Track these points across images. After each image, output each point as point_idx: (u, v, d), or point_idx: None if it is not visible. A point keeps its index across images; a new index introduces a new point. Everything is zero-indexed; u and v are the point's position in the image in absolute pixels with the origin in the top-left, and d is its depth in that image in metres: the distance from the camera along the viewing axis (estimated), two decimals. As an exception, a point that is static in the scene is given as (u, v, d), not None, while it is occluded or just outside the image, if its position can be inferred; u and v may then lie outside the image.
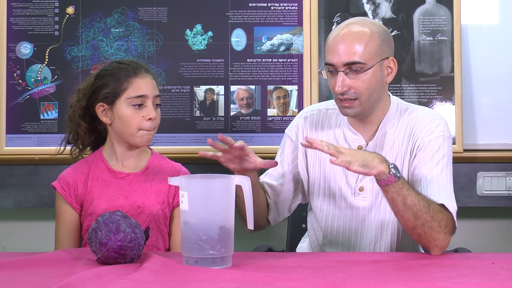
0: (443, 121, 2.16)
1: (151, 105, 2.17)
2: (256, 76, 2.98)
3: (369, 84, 2.08)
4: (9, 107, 2.97)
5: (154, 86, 2.20)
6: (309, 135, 2.23)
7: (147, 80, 2.18)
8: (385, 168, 1.92)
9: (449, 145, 2.13)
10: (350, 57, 2.06)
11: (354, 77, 2.07)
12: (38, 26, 3.00)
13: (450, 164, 2.12)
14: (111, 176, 2.20)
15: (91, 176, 2.21)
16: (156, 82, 2.22)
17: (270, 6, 3.00)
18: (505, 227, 3.08)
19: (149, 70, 2.22)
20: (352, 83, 2.07)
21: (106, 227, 1.83)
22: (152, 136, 2.19)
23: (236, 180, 1.86)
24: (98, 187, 2.19)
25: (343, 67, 2.07)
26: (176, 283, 1.64)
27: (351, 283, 1.64)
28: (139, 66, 2.21)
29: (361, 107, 2.10)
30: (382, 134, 2.17)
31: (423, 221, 1.96)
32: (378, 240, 2.18)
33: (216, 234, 1.79)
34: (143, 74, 2.18)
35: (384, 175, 1.92)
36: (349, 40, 2.07)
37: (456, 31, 2.94)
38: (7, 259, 1.86)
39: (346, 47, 2.06)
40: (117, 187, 2.19)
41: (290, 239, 2.65)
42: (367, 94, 2.08)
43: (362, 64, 2.06)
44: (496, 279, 1.69)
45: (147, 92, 2.16)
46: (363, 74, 2.07)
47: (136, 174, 2.21)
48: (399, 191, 1.94)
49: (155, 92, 2.18)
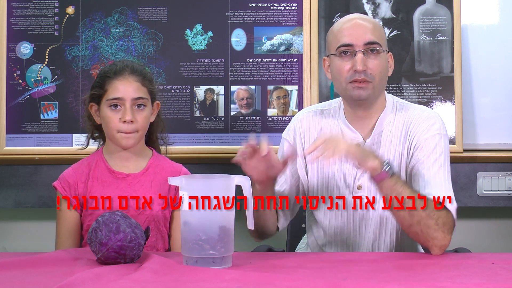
0: (439, 119, 2.17)
1: (128, 108, 2.15)
2: (256, 76, 2.98)
3: (382, 68, 2.13)
4: (9, 107, 2.97)
5: (135, 88, 2.17)
6: (307, 136, 2.25)
7: (126, 82, 2.17)
8: (378, 164, 1.95)
9: (445, 143, 2.14)
10: (370, 37, 2.11)
11: (372, 57, 2.11)
12: (38, 26, 3.00)
13: (447, 162, 2.12)
14: (111, 176, 2.21)
15: (92, 176, 2.21)
16: (144, 84, 2.19)
17: (270, 6, 3.00)
18: (505, 227, 3.08)
19: (136, 72, 2.19)
20: (369, 64, 2.11)
21: (106, 227, 1.83)
22: (133, 138, 2.17)
23: (236, 180, 1.86)
24: (98, 187, 2.19)
25: (363, 46, 2.11)
26: (176, 283, 1.64)
27: (351, 283, 1.64)
28: (125, 67, 2.19)
29: (373, 90, 2.13)
30: (379, 132, 2.17)
31: (418, 219, 1.96)
32: (377, 238, 2.18)
33: (216, 234, 1.79)
34: (124, 76, 2.17)
35: (376, 171, 1.95)
36: (367, 23, 2.14)
37: (456, 31, 2.94)
38: (7, 259, 1.86)
39: (366, 28, 2.12)
40: (117, 187, 2.20)
41: (290, 239, 2.65)
42: (379, 79, 2.13)
43: (379, 45, 2.11)
44: (496, 279, 1.69)
45: (124, 94, 2.16)
46: (380, 56, 2.12)
47: (136, 175, 2.21)
48: (393, 187, 1.96)
49: (133, 95, 2.16)
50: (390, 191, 1.96)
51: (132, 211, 2.15)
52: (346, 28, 2.13)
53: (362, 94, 2.12)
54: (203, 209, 1.77)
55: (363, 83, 2.11)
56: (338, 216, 2.20)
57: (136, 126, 2.17)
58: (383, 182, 1.96)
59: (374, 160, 1.96)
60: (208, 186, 1.84)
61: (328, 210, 2.22)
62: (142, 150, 2.25)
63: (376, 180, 1.97)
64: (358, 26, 2.12)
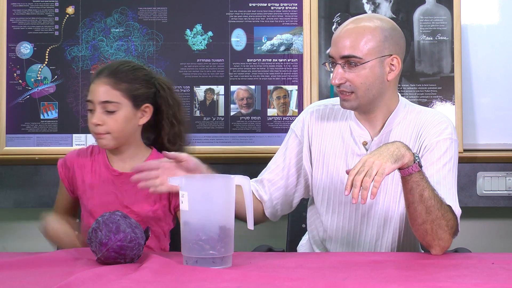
0: (451, 124, 2.17)
1: (97, 110, 2.13)
2: (256, 76, 2.98)
3: (365, 79, 2.09)
4: (9, 107, 2.97)
5: (104, 91, 2.13)
6: (315, 129, 2.25)
7: (97, 85, 2.14)
8: (411, 155, 1.91)
9: (455, 149, 2.13)
10: (346, 51, 2.08)
11: (350, 70, 2.09)
12: (38, 26, 3.00)
13: (455, 167, 2.12)
14: (107, 172, 2.21)
15: (91, 168, 2.21)
16: (117, 87, 2.14)
17: (270, 6, 3.00)
18: (505, 227, 3.08)
19: (111, 75, 2.15)
20: (348, 76, 2.09)
21: (106, 227, 1.83)
22: (107, 140, 2.15)
23: (236, 180, 1.86)
24: (94, 180, 2.20)
25: (341, 60, 2.10)
26: (176, 283, 1.64)
27: (351, 283, 1.64)
28: (104, 69, 2.17)
29: (357, 101, 2.11)
30: (388, 131, 2.17)
31: (433, 217, 1.95)
32: (380, 237, 2.18)
33: (216, 234, 1.79)
34: (99, 78, 2.15)
35: (411, 163, 1.91)
36: (348, 34, 2.10)
37: (456, 31, 2.94)
38: (7, 259, 1.86)
39: (344, 41, 2.09)
40: (110, 184, 2.19)
41: (290, 239, 2.65)
42: (364, 89, 2.10)
43: (358, 58, 2.08)
44: (496, 279, 1.69)
45: (92, 97, 2.15)
46: (359, 68, 2.08)
47: (129, 174, 2.20)
48: (419, 181, 1.92)
49: (101, 98, 2.13)
50: (415, 185, 1.92)
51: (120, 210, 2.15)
52: (334, 37, 2.13)
53: (345, 105, 2.14)
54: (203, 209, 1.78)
55: (344, 95, 2.12)
56: (341, 212, 2.20)
57: (105, 128, 2.14)
58: (412, 175, 1.92)
59: (407, 151, 1.90)
60: (208, 186, 1.84)
61: (330, 205, 2.22)
62: (138, 150, 2.23)
63: (406, 173, 1.91)
64: (339, 38, 2.10)
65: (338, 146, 2.21)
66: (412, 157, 1.91)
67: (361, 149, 2.18)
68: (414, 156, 1.92)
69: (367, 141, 2.18)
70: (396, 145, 1.91)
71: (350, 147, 2.19)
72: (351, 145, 2.19)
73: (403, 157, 1.89)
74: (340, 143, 2.21)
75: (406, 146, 1.93)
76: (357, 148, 2.18)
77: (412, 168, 1.91)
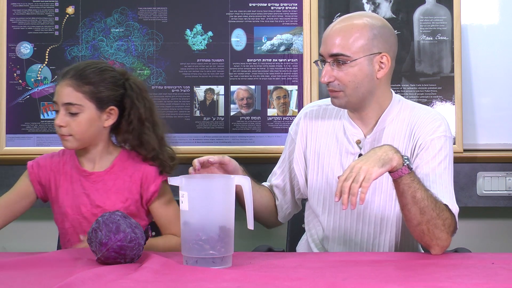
0: (445, 121, 2.16)
1: (60, 112, 2.12)
2: (256, 76, 2.98)
3: (354, 77, 2.10)
4: (9, 107, 2.97)
5: (67, 93, 2.12)
6: (309, 130, 2.27)
7: (61, 86, 2.13)
8: (400, 158, 1.91)
9: (450, 145, 2.14)
10: (334, 49, 2.09)
11: (338, 68, 2.10)
12: (38, 26, 3.00)
13: (451, 165, 2.12)
14: (77, 173, 2.20)
15: (62, 170, 2.21)
16: (80, 89, 2.12)
17: (270, 6, 3.00)
18: (505, 227, 3.08)
19: (75, 76, 2.13)
20: (336, 75, 2.10)
21: (106, 227, 1.83)
22: (70, 141, 2.14)
23: (236, 180, 1.86)
24: (65, 182, 2.20)
25: (329, 58, 2.11)
26: (176, 283, 1.64)
27: (351, 283, 1.64)
28: (69, 70, 2.16)
29: (346, 98, 2.12)
30: (381, 129, 2.17)
31: (428, 218, 1.95)
32: (377, 236, 2.18)
33: (216, 234, 1.79)
34: (63, 80, 2.14)
35: (400, 165, 1.91)
36: (337, 33, 2.10)
37: (456, 31, 2.94)
38: (7, 259, 1.86)
39: (333, 39, 2.10)
40: (81, 184, 2.19)
41: (290, 239, 2.65)
42: (352, 87, 2.10)
43: (346, 56, 2.08)
44: (496, 279, 1.69)
45: (57, 98, 2.14)
46: (347, 66, 2.09)
47: (99, 174, 2.19)
48: (410, 183, 1.93)
49: (64, 100, 2.12)
50: (407, 188, 1.93)
51: (92, 209, 2.15)
52: (324, 36, 2.14)
53: (335, 102, 2.15)
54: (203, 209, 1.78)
55: (333, 92, 2.13)
56: (337, 211, 2.21)
57: (67, 130, 2.13)
58: (402, 177, 1.92)
59: (396, 154, 1.91)
60: (208, 186, 1.84)
61: (326, 205, 2.22)
62: (106, 149, 2.21)
63: (396, 176, 1.92)
64: (328, 37, 2.11)
65: (333, 145, 2.22)
66: (401, 160, 1.91)
67: (355, 147, 2.18)
68: (403, 159, 1.92)
69: (361, 139, 2.18)
70: (384, 149, 1.92)
71: (344, 146, 2.20)
72: (345, 144, 2.20)
73: (391, 160, 1.89)
74: (334, 143, 2.22)
75: (395, 149, 1.93)
76: (351, 147, 2.18)
77: (402, 171, 1.91)
